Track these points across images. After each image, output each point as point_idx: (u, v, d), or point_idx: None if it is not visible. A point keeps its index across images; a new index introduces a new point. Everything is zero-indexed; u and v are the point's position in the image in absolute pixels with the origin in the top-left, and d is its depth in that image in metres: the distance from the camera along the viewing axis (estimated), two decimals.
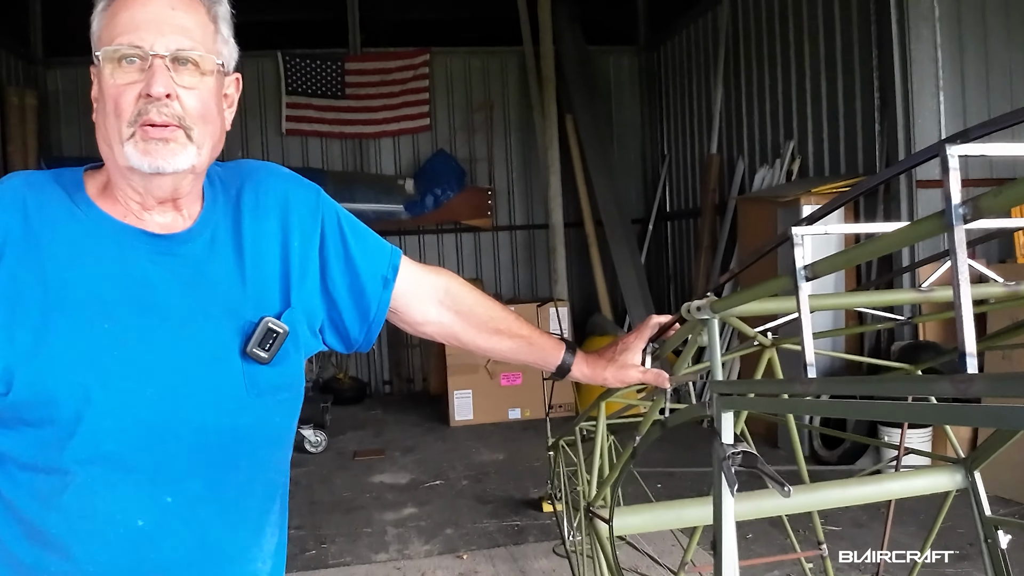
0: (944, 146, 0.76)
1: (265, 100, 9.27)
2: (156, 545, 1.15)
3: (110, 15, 1.15)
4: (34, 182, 1.19)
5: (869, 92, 6.03)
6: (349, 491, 5.58)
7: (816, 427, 4.85)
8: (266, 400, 1.23)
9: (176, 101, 1.13)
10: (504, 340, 1.50)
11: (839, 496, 1.83)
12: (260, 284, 1.25)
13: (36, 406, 1.09)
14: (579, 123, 9.12)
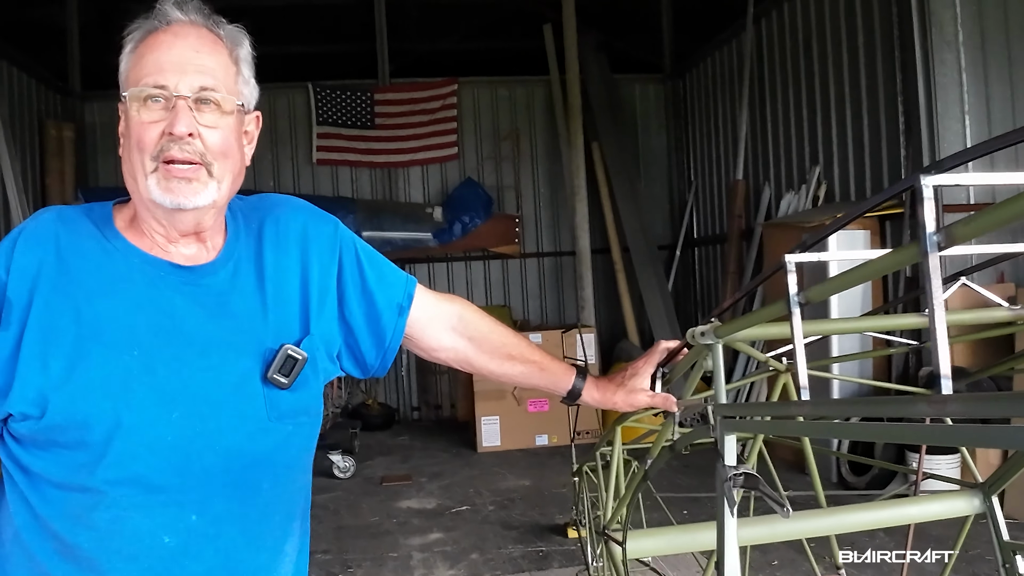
0: (919, 177, 0.80)
1: (296, 131, 9.44)
2: (181, 563, 1.21)
3: (137, 56, 1.23)
4: (66, 217, 1.26)
5: (894, 117, 6.04)
6: (376, 516, 5.62)
7: (844, 454, 4.82)
8: (286, 424, 1.28)
9: (198, 139, 1.20)
10: (516, 365, 1.54)
11: (855, 520, 1.84)
12: (280, 313, 1.30)
13: (69, 429, 1.15)
14: (605, 151, 9.19)
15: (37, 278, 1.18)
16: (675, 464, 6.31)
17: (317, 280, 1.35)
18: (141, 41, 1.24)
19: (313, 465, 1.42)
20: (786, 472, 5.06)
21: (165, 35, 1.22)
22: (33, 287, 1.18)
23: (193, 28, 1.24)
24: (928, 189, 0.80)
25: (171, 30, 1.23)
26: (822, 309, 5.60)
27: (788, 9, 7.49)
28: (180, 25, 1.23)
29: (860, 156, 6.51)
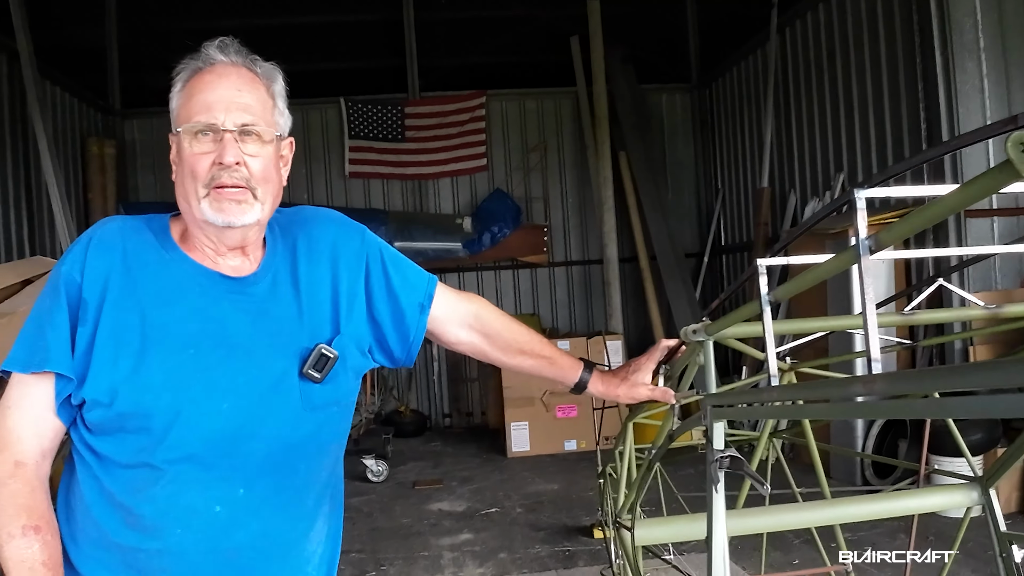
0: (853, 191, 0.94)
1: (329, 144, 9.67)
2: (229, 531, 1.39)
3: (186, 96, 1.42)
4: (130, 227, 1.46)
5: (916, 124, 6.11)
6: (408, 518, 5.79)
7: (868, 455, 4.91)
8: (318, 414, 1.47)
9: (243, 167, 1.39)
10: (527, 359, 1.71)
11: (856, 511, 1.95)
12: (314, 316, 1.49)
13: (135, 417, 1.35)
14: (632, 160, 9.32)
15: (107, 282, 1.38)
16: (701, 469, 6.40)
17: (346, 285, 1.53)
18: (188, 81, 1.42)
19: (348, 469, 1.60)
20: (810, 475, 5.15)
21: (210, 75, 1.41)
22: (104, 289, 1.37)
23: (234, 68, 1.42)
24: (861, 201, 0.94)
25: (215, 71, 1.41)
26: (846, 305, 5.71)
27: (811, 19, 7.59)
28: (223, 66, 1.41)
29: (884, 163, 6.60)
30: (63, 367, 1.34)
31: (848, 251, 0.94)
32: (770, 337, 1.16)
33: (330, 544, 1.58)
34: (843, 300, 5.88)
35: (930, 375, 0.83)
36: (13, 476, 1.34)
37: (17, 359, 1.36)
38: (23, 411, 1.36)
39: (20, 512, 1.32)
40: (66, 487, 1.44)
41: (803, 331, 1.77)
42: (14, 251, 7.16)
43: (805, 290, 1.26)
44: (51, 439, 1.38)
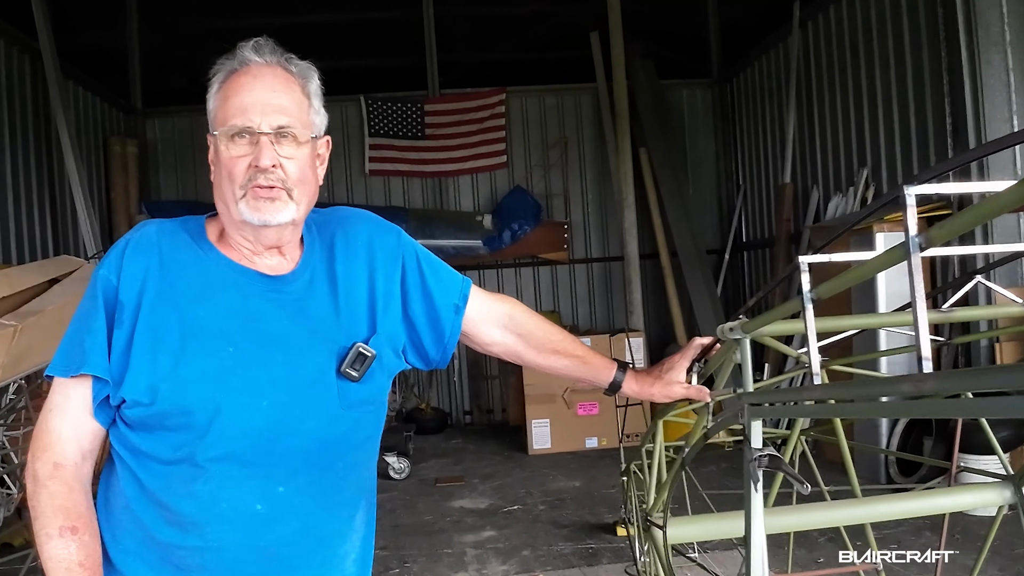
0: (903, 188, 0.93)
1: (349, 142, 9.69)
2: (270, 527, 1.40)
3: (222, 98, 1.43)
4: (166, 229, 1.47)
5: (941, 118, 6.05)
6: (431, 515, 5.79)
7: (891, 451, 4.87)
8: (355, 412, 1.47)
9: (279, 169, 1.40)
10: (561, 359, 1.70)
11: (887, 510, 1.94)
12: (351, 315, 1.49)
13: (176, 415, 1.36)
14: (653, 156, 9.28)
15: (144, 283, 1.39)
16: (724, 467, 6.39)
17: (382, 285, 1.54)
18: (224, 82, 1.43)
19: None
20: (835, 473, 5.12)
21: (246, 77, 1.41)
22: (141, 291, 1.38)
23: (269, 69, 1.42)
24: (911, 197, 0.92)
25: (250, 71, 1.42)
26: (871, 304, 5.67)
27: (834, 12, 7.52)
28: (258, 67, 1.42)
29: (908, 158, 6.53)
30: (98, 369, 1.35)
31: (897, 248, 0.93)
32: (812, 335, 1.15)
33: (366, 542, 1.58)
34: (867, 298, 5.83)
35: (984, 374, 0.81)
36: (52, 477, 1.35)
37: (58, 363, 1.38)
38: (63, 413, 1.38)
39: (58, 513, 1.34)
40: (105, 486, 1.45)
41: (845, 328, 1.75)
42: (38, 249, 7.22)
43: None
44: (90, 441, 1.40)
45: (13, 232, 6.85)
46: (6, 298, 3.94)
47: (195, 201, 9.21)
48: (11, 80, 6.98)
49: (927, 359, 0.89)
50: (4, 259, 6.55)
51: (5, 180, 6.81)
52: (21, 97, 7.15)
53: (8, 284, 4.02)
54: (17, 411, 4.89)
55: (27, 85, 7.26)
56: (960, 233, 0.85)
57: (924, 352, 0.89)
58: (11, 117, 6.95)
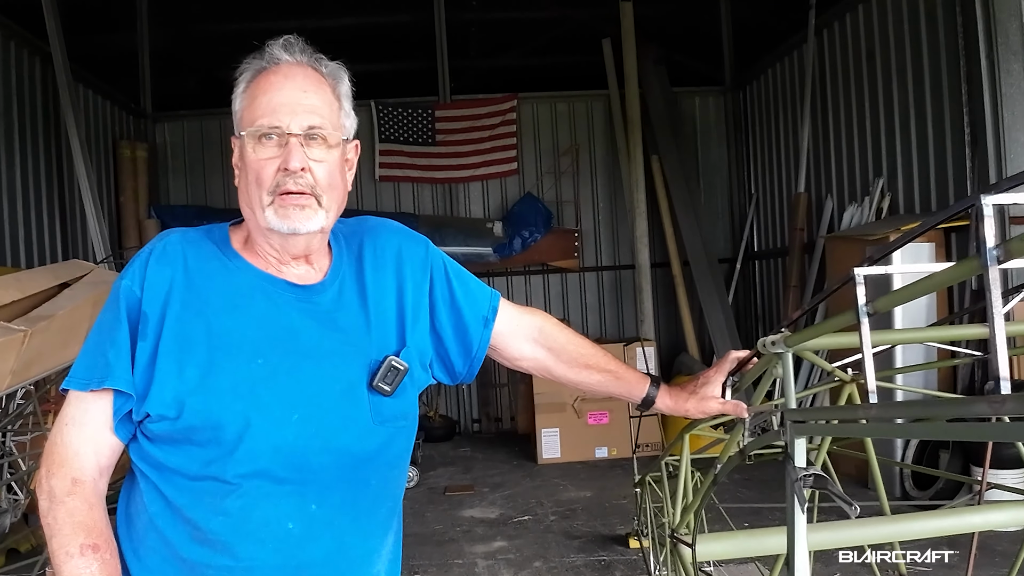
0: (980, 196, 0.87)
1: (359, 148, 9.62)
2: (303, 546, 1.34)
3: (250, 97, 1.37)
4: (190, 238, 1.41)
5: (959, 128, 5.98)
6: (440, 524, 5.73)
7: (908, 465, 4.79)
8: (388, 427, 1.41)
9: (309, 173, 1.34)
10: (593, 374, 1.64)
11: (918, 528, 1.89)
12: (381, 327, 1.44)
13: (204, 429, 1.30)
14: (665, 164, 9.23)
15: (169, 293, 1.33)
16: (737, 477, 6.32)
17: (411, 297, 1.48)
18: (252, 82, 1.38)
19: None
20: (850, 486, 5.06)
21: (275, 76, 1.36)
22: (166, 302, 1.33)
23: (300, 68, 1.37)
24: (988, 207, 0.86)
25: (280, 71, 1.36)
26: (886, 320, 5.58)
27: (851, 19, 7.45)
28: (288, 66, 1.36)
29: (925, 168, 6.46)
30: (122, 383, 1.30)
31: (970, 260, 0.87)
32: (868, 350, 1.09)
33: (394, 563, 1.52)
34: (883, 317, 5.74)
35: None
36: (71, 493, 1.29)
37: (77, 376, 1.32)
38: (81, 427, 1.32)
39: (78, 530, 1.28)
40: (126, 502, 1.40)
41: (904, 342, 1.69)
42: (47, 253, 7.19)
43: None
44: (108, 456, 1.34)
45: (23, 236, 6.82)
46: (16, 302, 3.90)
47: (204, 206, 9.18)
48: (21, 83, 6.96)
49: (1005, 379, 0.83)
50: (13, 263, 6.51)
51: (15, 183, 6.78)
52: (31, 100, 7.13)
53: (18, 288, 3.97)
54: (25, 417, 4.85)
55: (37, 88, 7.24)
56: None
57: (1003, 372, 0.83)
58: (21, 120, 6.92)
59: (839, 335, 1.40)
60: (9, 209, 6.65)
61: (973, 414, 0.86)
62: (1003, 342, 0.84)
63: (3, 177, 6.61)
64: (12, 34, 6.76)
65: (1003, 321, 0.84)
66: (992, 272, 0.85)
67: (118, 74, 9.07)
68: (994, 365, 0.83)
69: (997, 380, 0.83)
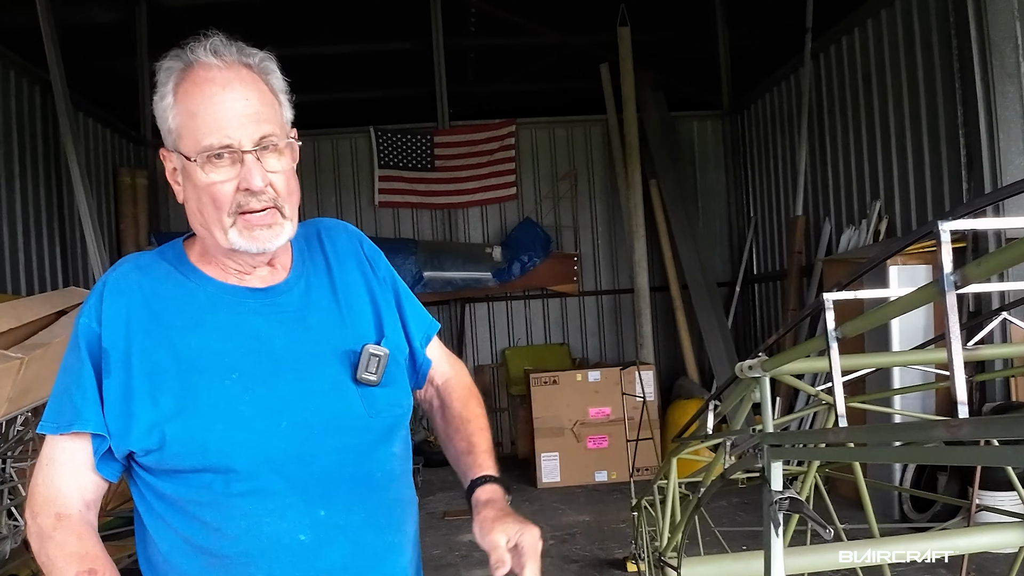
0: (937, 223, 0.88)
1: (359, 174, 9.69)
2: (319, 554, 1.31)
3: (186, 113, 1.29)
4: (143, 264, 1.39)
5: (955, 150, 6.00)
6: (439, 549, 5.71)
7: (906, 489, 4.77)
8: (384, 417, 1.40)
9: (270, 187, 1.31)
10: (453, 439, 1.60)
11: (904, 550, 1.88)
12: (356, 320, 1.43)
13: (191, 455, 1.28)
14: (663, 188, 9.26)
15: (128, 324, 1.32)
16: (735, 501, 6.29)
17: (379, 291, 1.48)
18: (184, 92, 1.29)
19: None
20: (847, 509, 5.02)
21: (210, 87, 1.28)
22: (127, 334, 1.31)
23: (233, 72, 1.29)
24: (945, 233, 0.88)
25: (213, 79, 1.28)
26: (883, 341, 5.59)
27: (847, 43, 7.50)
28: (219, 72, 1.29)
29: (922, 190, 6.48)
30: (92, 425, 1.28)
31: (930, 286, 0.88)
32: (837, 374, 1.10)
33: (417, 552, 1.50)
34: (879, 334, 5.74)
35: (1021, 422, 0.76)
36: (56, 528, 1.27)
37: (49, 420, 1.30)
38: (60, 467, 1.30)
39: (71, 560, 1.25)
40: (142, 546, 1.38)
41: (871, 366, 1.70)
42: (47, 281, 7.21)
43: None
44: (93, 492, 1.32)
45: (23, 263, 6.84)
46: (13, 330, 3.92)
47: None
48: (21, 111, 7.00)
49: (963, 403, 0.84)
50: (14, 290, 6.53)
51: (15, 211, 6.81)
52: (31, 128, 7.17)
53: (15, 316, 4.00)
54: (24, 443, 4.86)
55: (37, 116, 7.28)
56: (998, 271, 0.81)
57: (960, 395, 0.84)
58: (21, 148, 6.96)
59: (813, 360, 1.41)
60: (9, 236, 6.68)
61: (933, 438, 0.87)
62: (960, 365, 0.85)
63: (3, 204, 6.64)
64: (11, 63, 6.82)
65: (960, 346, 0.85)
66: (950, 297, 0.86)
67: (118, 101, 9.13)
68: (952, 388, 0.84)
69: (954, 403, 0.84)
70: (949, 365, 0.85)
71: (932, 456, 0.89)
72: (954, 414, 0.84)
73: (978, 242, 5.71)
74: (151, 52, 9.32)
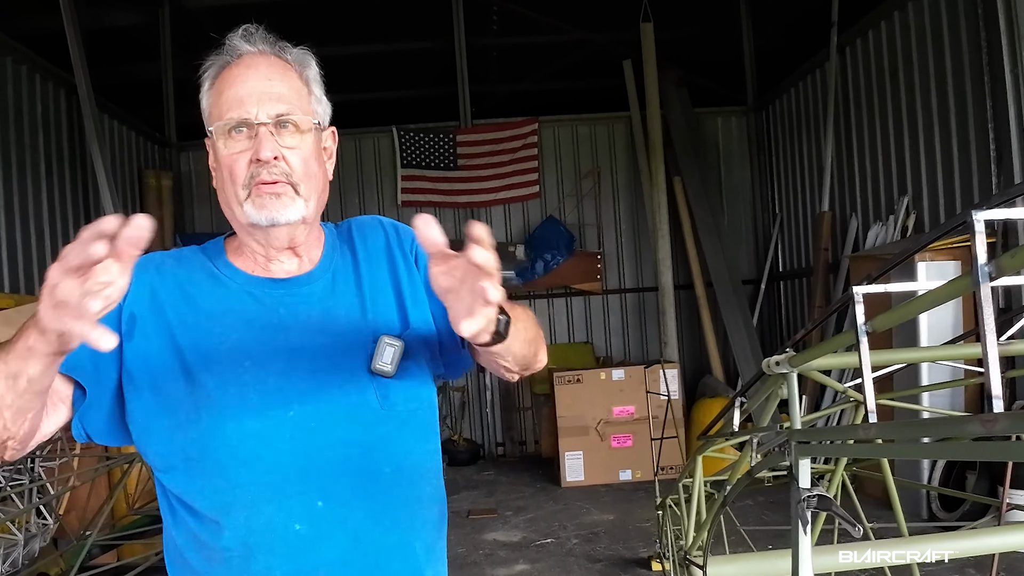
0: (971, 212, 0.86)
1: (381, 173, 9.72)
2: (315, 547, 1.30)
3: (216, 93, 1.35)
4: (183, 254, 1.43)
5: (985, 144, 5.91)
6: (463, 547, 5.70)
7: (935, 487, 4.71)
8: (399, 411, 1.37)
9: (283, 161, 1.31)
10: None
11: (933, 549, 1.84)
12: (379, 313, 1.41)
13: (196, 443, 1.29)
14: (687, 185, 9.20)
15: (155, 297, 1.34)
16: (761, 500, 6.24)
17: (406, 280, 1.45)
18: (217, 77, 1.36)
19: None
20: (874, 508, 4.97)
21: (238, 68, 1.34)
22: (156, 306, 1.33)
23: (263, 58, 1.35)
24: (980, 224, 0.85)
25: (243, 62, 1.35)
26: (911, 336, 5.52)
27: (873, 37, 7.41)
28: (251, 57, 1.35)
29: (950, 185, 6.39)
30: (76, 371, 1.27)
31: (963, 277, 0.86)
32: (867, 370, 1.07)
33: (439, 558, 1.47)
34: (907, 329, 5.68)
35: None
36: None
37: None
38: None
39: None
40: (164, 539, 1.39)
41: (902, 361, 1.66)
42: None
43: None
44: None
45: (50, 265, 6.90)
46: None
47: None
48: (47, 115, 7.08)
49: (998, 397, 0.81)
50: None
51: (41, 214, 6.88)
52: (57, 131, 7.25)
53: None
54: (53, 442, 4.91)
55: (63, 120, 7.36)
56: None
57: (995, 390, 0.81)
58: (47, 151, 7.04)
59: (841, 355, 1.39)
60: (37, 239, 6.75)
61: (966, 433, 0.84)
62: (995, 359, 0.82)
63: (30, 207, 6.71)
64: (37, 67, 6.89)
65: (995, 338, 0.83)
66: (984, 289, 0.83)
67: (142, 104, 9.20)
68: (987, 381, 0.82)
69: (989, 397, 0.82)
70: (984, 359, 0.82)
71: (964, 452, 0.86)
72: (987, 409, 0.81)
73: (1008, 237, 5.63)
74: (175, 55, 9.40)
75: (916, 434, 1.01)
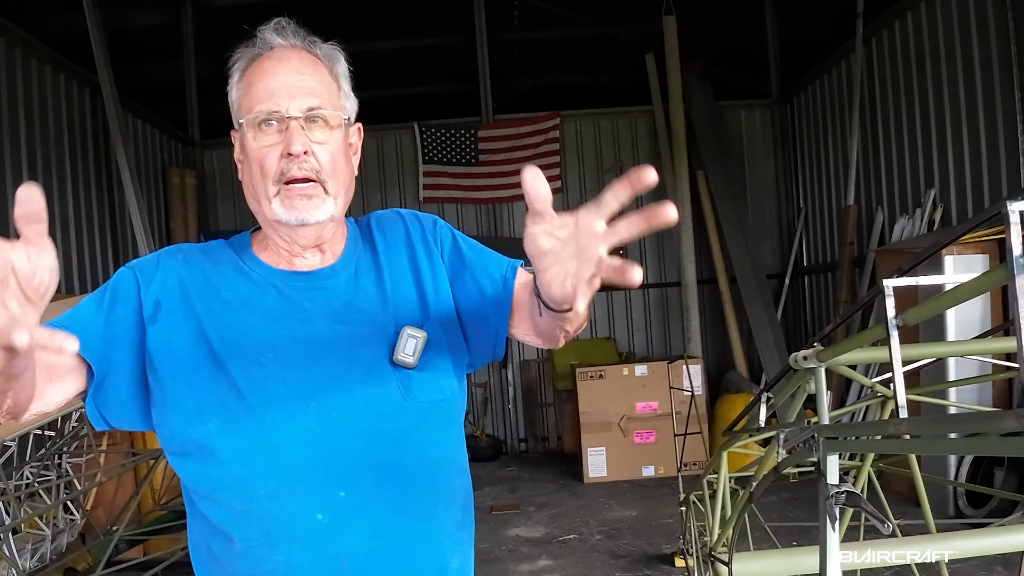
0: (1005, 203, 0.83)
1: (403, 169, 9.73)
2: (337, 537, 1.29)
3: (246, 85, 1.35)
4: (211, 247, 1.44)
5: (1013, 136, 5.82)
6: (486, 543, 5.70)
7: (957, 482, 4.64)
8: (421, 403, 1.36)
9: (312, 157, 1.31)
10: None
11: (963, 546, 1.82)
12: (400, 304, 1.40)
13: (216, 433, 1.29)
14: (711, 179, 9.14)
15: (183, 286, 1.35)
16: (785, 496, 6.20)
17: (427, 271, 1.44)
18: (247, 70, 1.37)
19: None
20: (901, 505, 4.92)
21: (269, 61, 1.34)
22: (184, 295, 1.34)
23: (294, 51, 1.36)
24: (1015, 215, 0.83)
25: (274, 55, 1.35)
26: (938, 332, 5.44)
27: (899, 28, 7.31)
28: (282, 50, 1.35)
29: (978, 178, 6.30)
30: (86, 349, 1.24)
31: (997, 270, 0.84)
32: (898, 364, 1.05)
33: (465, 555, 1.46)
34: (934, 324, 5.60)
35: None
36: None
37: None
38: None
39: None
40: (189, 533, 1.40)
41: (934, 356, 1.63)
42: (99, 280, 7.33)
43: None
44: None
45: (75, 263, 6.98)
46: None
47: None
48: (71, 114, 7.14)
49: None
50: (67, 289, 6.66)
51: (67, 212, 6.95)
52: (81, 130, 7.31)
53: None
54: (80, 439, 4.95)
55: (87, 118, 7.42)
56: None
57: None
58: (72, 150, 7.10)
59: (870, 350, 1.36)
60: (62, 237, 6.81)
61: (999, 428, 0.82)
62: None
63: (55, 206, 6.77)
64: (61, 66, 6.95)
65: None
66: (1019, 281, 0.81)
67: (166, 103, 9.26)
68: (1020, 376, 0.80)
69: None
70: (1018, 352, 0.80)
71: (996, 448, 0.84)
72: (1020, 404, 0.79)
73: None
74: (198, 54, 9.45)
75: (948, 430, 0.98)
